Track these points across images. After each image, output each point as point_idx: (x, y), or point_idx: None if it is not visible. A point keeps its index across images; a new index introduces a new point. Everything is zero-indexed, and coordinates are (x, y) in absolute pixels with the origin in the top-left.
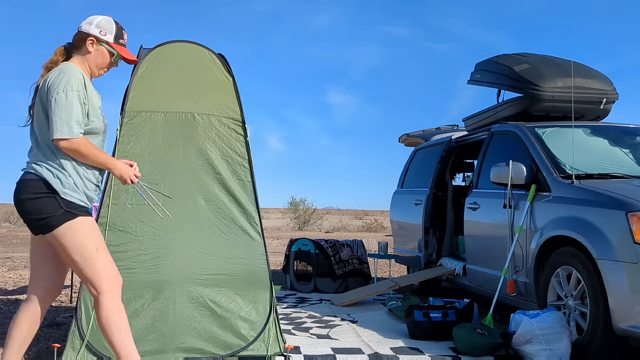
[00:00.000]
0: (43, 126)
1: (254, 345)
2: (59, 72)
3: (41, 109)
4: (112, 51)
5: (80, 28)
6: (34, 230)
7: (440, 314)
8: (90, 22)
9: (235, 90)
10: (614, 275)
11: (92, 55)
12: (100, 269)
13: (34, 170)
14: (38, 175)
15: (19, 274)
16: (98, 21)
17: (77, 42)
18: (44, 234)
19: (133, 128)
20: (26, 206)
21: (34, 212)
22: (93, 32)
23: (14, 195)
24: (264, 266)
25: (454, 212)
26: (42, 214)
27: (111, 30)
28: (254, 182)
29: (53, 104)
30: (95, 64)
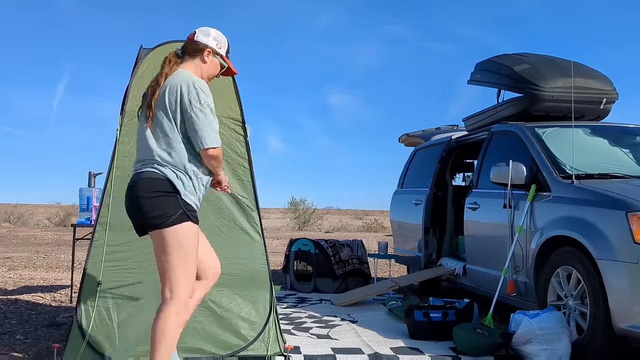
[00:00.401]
0: (169, 130)
1: (254, 345)
2: (190, 84)
3: (165, 115)
4: (223, 64)
5: (196, 38)
6: (148, 227)
7: (440, 314)
8: (208, 34)
9: (235, 91)
10: (614, 275)
11: (207, 66)
12: (186, 277)
13: (157, 170)
14: (162, 174)
15: (19, 274)
16: (215, 34)
17: (192, 51)
18: (151, 231)
19: (133, 128)
20: (144, 203)
21: (151, 209)
22: (211, 44)
23: (132, 192)
24: (264, 266)
25: (454, 212)
26: (160, 211)
27: (224, 45)
28: (254, 182)
29: (200, 116)
30: (207, 74)
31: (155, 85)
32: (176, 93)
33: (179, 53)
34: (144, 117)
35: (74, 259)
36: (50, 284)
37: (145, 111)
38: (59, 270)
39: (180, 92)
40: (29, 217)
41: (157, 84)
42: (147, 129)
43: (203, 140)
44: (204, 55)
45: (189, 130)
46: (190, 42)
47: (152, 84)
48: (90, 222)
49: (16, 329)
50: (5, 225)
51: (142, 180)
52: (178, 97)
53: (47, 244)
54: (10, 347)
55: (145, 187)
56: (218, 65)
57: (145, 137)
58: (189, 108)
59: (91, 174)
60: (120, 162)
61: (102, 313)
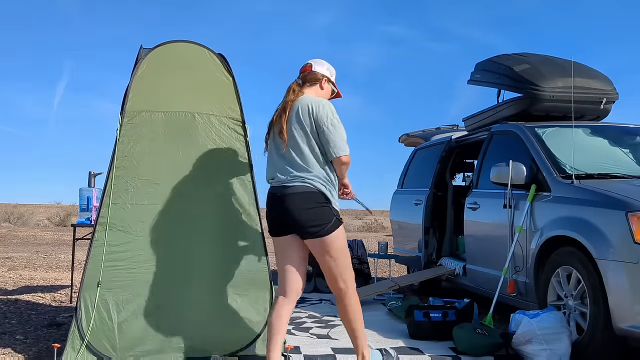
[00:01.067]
0: (308, 146)
1: (254, 345)
2: (319, 104)
3: (304, 133)
4: (334, 89)
5: (314, 69)
6: (305, 235)
7: (440, 314)
8: (322, 65)
9: (236, 90)
10: (614, 275)
11: (323, 92)
12: (350, 267)
13: (308, 184)
14: (315, 187)
15: (19, 274)
16: (328, 65)
17: (312, 80)
18: (310, 239)
19: (133, 128)
20: (303, 215)
21: (311, 220)
22: (326, 74)
23: (286, 205)
24: (264, 266)
25: (454, 212)
26: (319, 221)
27: (334, 74)
28: (254, 181)
29: (331, 129)
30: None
31: (282, 112)
32: (309, 111)
33: (299, 83)
34: (278, 139)
35: (74, 259)
36: (50, 284)
37: (278, 135)
38: (59, 270)
39: (312, 110)
40: (29, 217)
41: (284, 111)
42: (285, 149)
43: (336, 149)
44: (322, 82)
45: (323, 142)
46: (309, 73)
47: (279, 111)
48: (90, 222)
49: (16, 329)
50: (5, 225)
51: (297, 194)
52: (312, 115)
53: (47, 244)
54: (10, 347)
55: (302, 201)
56: (330, 91)
57: (285, 156)
58: (322, 122)
59: (91, 174)
60: (120, 162)
61: (102, 313)
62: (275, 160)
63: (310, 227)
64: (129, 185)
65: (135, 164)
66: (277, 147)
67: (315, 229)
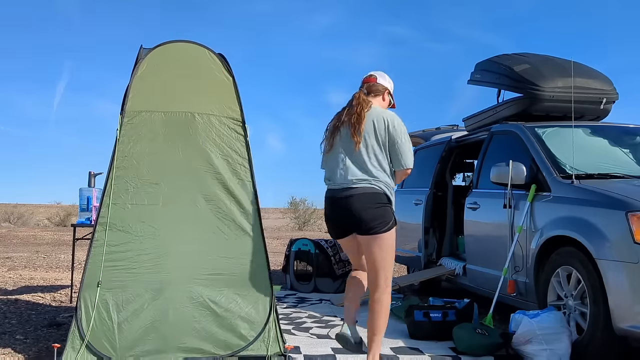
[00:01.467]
0: (379, 154)
1: (254, 345)
2: (393, 116)
3: (377, 141)
4: (391, 100)
5: (378, 81)
6: (364, 232)
7: (440, 314)
8: (385, 78)
9: (235, 90)
10: (614, 275)
11: (384, 103)
12: (392, 268)
13: (375, 185)
14: (380, 189)
15: (19, 274)
16: (389, 79)
17: (376, 92)
18: (369, 234)
19: (133, 128)
20: (369, 213)
21: (374, 218)
22: (388, 86)
23: (353, 203)
24: (264, 266)
25: (454, 212)
26: (381, 219)
27: (393, 87)
28: (254, 181)
29: (405, 143)
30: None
31: (358, 119)
32: (386, 125)
33: (365, 92)
34: (348, 142)
35: (74, 259)
36: (50, 284)
37: (351, 138)
38: (59, 270)
39: (389, 124)
40: (29, 217)
41: (359, 118)
42: (357, 152)
43: (406, 161)
44: (384, 94)
45: (395, 153)
46: (374, 85)
47: (355, 115)
48: (90, 222)
49: (16, 329)
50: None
51: (364, 194)
52: (389, 128)
53: (47, 244)
54: (10, 347)
55: (368, 200)
56: (389, 102)
57: (355, 159)
58: (398, 136)
59: (91, 174)
60: (120, 162)
61: (102, 313)
62: (342, 161)
63: (372, 224)
64: (129, 185)
65: (135, 164)
66: (347, 149)
67: (376, 227)
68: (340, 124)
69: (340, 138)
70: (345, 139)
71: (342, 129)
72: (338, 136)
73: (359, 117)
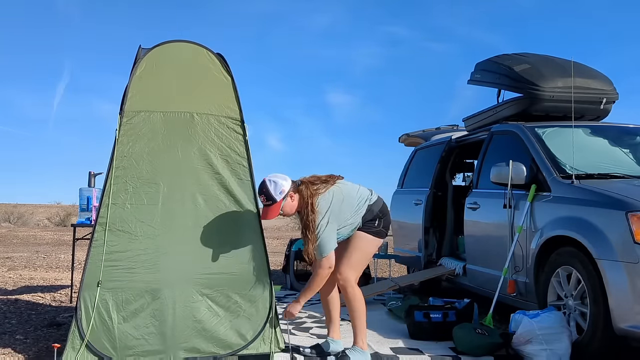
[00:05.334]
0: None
1: (254, 345)
2: None
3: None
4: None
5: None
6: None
7: (440, 314)
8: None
9: (234, 90)
10: (614, 275)
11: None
12: (357, 270)
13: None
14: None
15: (19, 274)
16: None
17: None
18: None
19: (132, 128)
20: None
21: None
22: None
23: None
24: (264, 266)
25: (454, 212)
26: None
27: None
28: (253, 181)
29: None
30: None
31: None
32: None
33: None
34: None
35: (74, 259)
36: (50, 284)
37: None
38: (59, 270)
39: None
40: (29, 217)
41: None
42: None
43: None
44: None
45: None
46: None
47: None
48: (90, 222)
49: (16, 329)
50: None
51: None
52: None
53: (47, 244)
54: (10, 347)
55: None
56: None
57: None
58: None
59: (91, 174)
60: (120, 162)
61: (102, 313)
62: (356, 186)
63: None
64: (129, 185)
65: (134, 164)
66: (348, 183)
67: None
68: None
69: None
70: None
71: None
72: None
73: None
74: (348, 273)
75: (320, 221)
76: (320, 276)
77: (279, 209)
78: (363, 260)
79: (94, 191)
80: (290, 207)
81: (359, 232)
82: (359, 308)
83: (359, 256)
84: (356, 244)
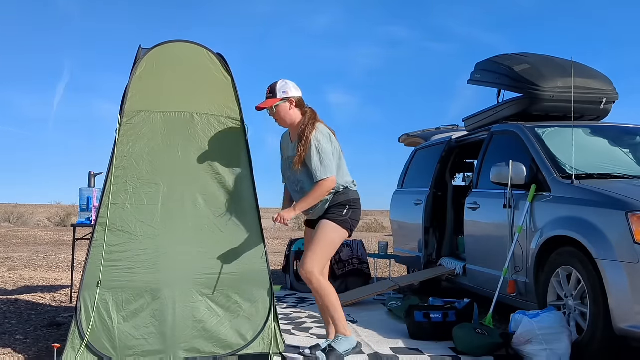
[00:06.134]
0: None
1: (254, 345)
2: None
3: None
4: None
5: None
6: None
7: (440, 315)
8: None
9: (234, 90)
10: (614, 275)
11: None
12: (320, 260)
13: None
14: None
15: (19, 274)
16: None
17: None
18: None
19: (132, 128)
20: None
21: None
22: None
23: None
24: (264, 266)
25: (454, 212)
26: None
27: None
28: (253, 181)
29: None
30: None
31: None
32: None
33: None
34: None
35: (74, 259)
36: (50, 284)
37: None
38: (59, 270)
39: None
40: (29, 217)
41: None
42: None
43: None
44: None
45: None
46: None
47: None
48: (90, 222)
49: (16, 329)
50: (5, 225)
51: None
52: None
53: (47, 244)
54: (10, 347)
55: None
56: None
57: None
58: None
59: (91, 174)
60: (120, 162)
61: (102, 313)
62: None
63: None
64: (129, 185)
65: (134, 164)
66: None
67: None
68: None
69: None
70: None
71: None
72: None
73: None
74: (310, 265)
75: (321, 140)
76: (319, 192)
77: (273, 104)
78: (327, 250)
79: (94, 191)
80: (284, 111)
81: (323, 221)
82: (328, 298)
83: (322, 246)
84: (319, 234)
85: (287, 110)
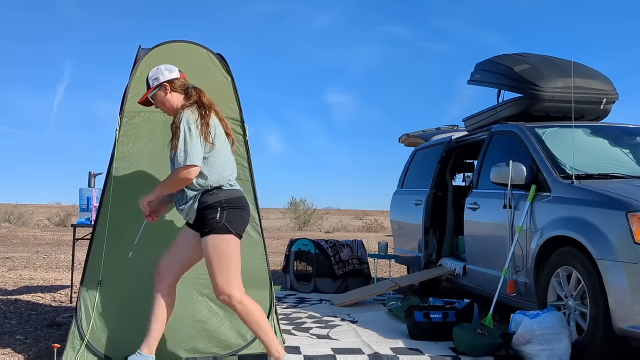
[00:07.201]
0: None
1: (254, 345)
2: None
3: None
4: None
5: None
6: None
7: (440, 315)
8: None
9: (234, 90)
10: (614, 276)
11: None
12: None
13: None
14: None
15: (19, 274)
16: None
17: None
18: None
19: (132, 128)
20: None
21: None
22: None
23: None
24: (264, 266)
25: (454, 212)
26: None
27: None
28: (253, 181)
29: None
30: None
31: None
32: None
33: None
34: (228, 140)
35: (74, 259)
36: (50, 284)
37: (226, 135)
38: (59, 270)
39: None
40: (29, 217)
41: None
42: (233, 150)
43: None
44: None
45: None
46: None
47: (220, 113)
48: (90, 222)
49: (16, 329)
50: (5, 225)
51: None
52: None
53: (47, 244)
54: (10, 347)
55: None
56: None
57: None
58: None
59: (91, 174)
60: (120, 162)
61: (102, 313)
62: (232, 159)
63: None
64: (129, 185)
65: (134, 164)
66: (228, 147)
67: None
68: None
69: (220, 134)
70: (225, 136)
71: (223, 123)
72: (217, 130)
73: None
74: (226, 288)
75: (190, 126)
76: (172, 179)
77: (149, 95)
78: (228, 264)
79: (94, 191)
80: (162, 99)
81: (202, 239)
82: (256, 320)
83: (220, 264)
84: (207, 254)
85: (163, 97)
